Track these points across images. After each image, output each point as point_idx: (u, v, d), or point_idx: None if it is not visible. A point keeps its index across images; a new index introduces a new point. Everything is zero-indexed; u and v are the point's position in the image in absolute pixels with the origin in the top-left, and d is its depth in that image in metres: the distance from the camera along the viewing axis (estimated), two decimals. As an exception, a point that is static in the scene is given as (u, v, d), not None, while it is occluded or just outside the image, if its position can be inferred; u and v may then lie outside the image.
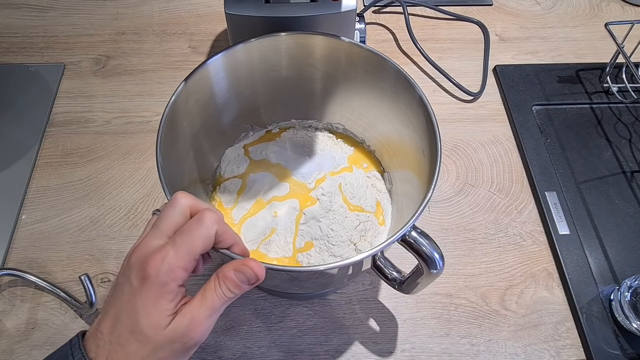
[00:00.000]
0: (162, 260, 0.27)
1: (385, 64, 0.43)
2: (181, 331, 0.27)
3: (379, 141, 0.51)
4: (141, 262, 0.28)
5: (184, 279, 0.28)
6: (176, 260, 0.27)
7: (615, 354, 0.45)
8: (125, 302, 0.28)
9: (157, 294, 0.27)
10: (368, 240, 0.46)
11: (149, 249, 0.28)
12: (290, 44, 0.45)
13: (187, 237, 0.28)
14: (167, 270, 0.27)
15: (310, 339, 0.46)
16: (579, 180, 0.56)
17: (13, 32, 0.67)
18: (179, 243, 0.28)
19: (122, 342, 0.27)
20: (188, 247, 0.28)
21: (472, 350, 0.46)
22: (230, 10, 0.48)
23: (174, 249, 0.28)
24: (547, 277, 0.50)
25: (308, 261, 0.45)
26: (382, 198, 0.50)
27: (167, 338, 0.27)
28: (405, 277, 0.38)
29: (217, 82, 0.45)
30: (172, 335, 0.27)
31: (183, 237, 0.28)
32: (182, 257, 0.27)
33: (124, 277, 0.28)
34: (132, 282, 0.28)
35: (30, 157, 0.56)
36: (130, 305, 0.27)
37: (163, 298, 0.27)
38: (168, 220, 0.29)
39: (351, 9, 0.49)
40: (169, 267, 0.27)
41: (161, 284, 0.27)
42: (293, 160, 0.51)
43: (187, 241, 0.28)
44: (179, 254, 0.27)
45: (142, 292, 0.27)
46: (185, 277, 0.28)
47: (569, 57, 0.68)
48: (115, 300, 0.28)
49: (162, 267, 0.27)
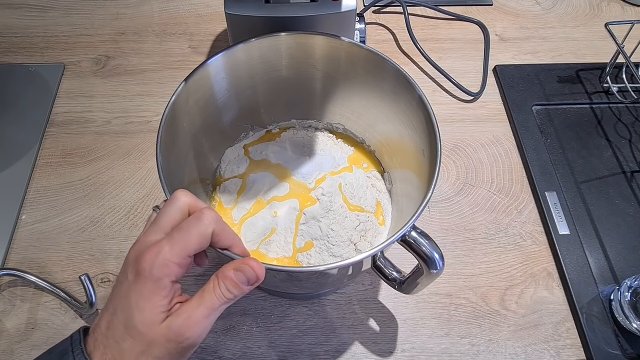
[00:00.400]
0: (157, 255, 0.27)
1: (385, 64, 0.43)
2: (175, 329, 0.27)
3: (379, 141, 0.51)
4: (136, 257, 0.28)
5: (178, 276, 0.28)
6: (171, 255, 0.27)
7: (615, 354, 0.45)
8: (122, 298, 0.28)
9: (151, 289, 0.27)
10: (368, 240, 0.46)
11: (146, 244, 0.28)
12: (291, 44, 0.45)
13: (183, 233, 0.28)
14: (160, 264, 0.27)
15: (310, 339, 0.46)
16: (579, 180, 0.56)
17: (13, 32, 0.67)
18: (175, 239, 0.28)
19: (117, 337, 0.27)
20: (184, 243, 0.28)
21: (472, 350, 0.46)
22: (230, 10, 0.48)
23: (170, 244, 0.28)
24: (547, 277, 0.50)
25: (308, 261, 0.45)
26: (382, 198, 0.50)
27: (161, 335, 0.27)
28: (405, 277, 0.38)
29: (217, 82, 0.44)
30: (166, 332, 0.27)
31: (180, 233, 0.28)
32: (177, 253, 0.27)
33: (123, 273, 0.28)
34: (128, 277, 0.28)
35: (30, 157, 0.56)
36: (125, 300, 0.27)
37: (156, 294, 0.27)
38: (166, 217, 0.29)
39: (351, 9, 0.49)
40: (163, 261, 0.27)
41: (155, 279, 0.27)
42: (293, 160, 0.51)
43: (184, 237, 0.28)
44: (174, 250, 0.27)
45: (137, 287, 0.27)
46: (180, 273, 0.28)
47: (569, 57, 0.68)
48: (114, 296, 0.28)
49: (155, 262, 0.27)
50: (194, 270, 0.49)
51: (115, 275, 0.48)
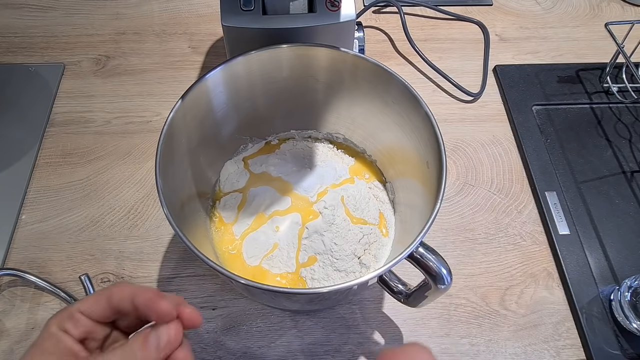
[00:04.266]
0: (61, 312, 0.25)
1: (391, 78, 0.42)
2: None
3: (380, 150, 0.50)
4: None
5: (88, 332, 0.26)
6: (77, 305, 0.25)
7: (615, 354, 0.45)
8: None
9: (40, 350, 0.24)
10: (372, 253, 0.46)
11: None
12: (291, 55, 0.44)
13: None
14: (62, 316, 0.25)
15: (310, 339, 0.46)
16: (579, 180, 0.56)
17: (13, 32, 0.67)
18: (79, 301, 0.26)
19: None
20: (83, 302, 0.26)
21: (472, 350, 0.46)
22: (227, 22, 0.47)
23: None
24: (547, 277, 0.50)
25: (312, 276, 0.44)
26: (384, 209, 0.49)
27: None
28: (411, 291, 0.38)
29: (215, 96, 0.44)
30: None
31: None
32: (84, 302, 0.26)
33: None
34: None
35: (30, 157, 0.56)
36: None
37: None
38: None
39: (350, 19, 0.48)
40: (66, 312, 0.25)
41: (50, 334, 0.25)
42: (294, 173, 0.50)
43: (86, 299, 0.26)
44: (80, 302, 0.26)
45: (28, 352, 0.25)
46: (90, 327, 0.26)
47: (569, 57, 0.68)
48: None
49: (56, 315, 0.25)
50: (194, 271, 0.49)
51: (115, 275, 0.49)
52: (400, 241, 0.45)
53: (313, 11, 0.48)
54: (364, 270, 0.45)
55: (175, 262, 0.49)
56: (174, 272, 0.49)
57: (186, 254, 0.50)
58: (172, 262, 0.49)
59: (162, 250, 0.50)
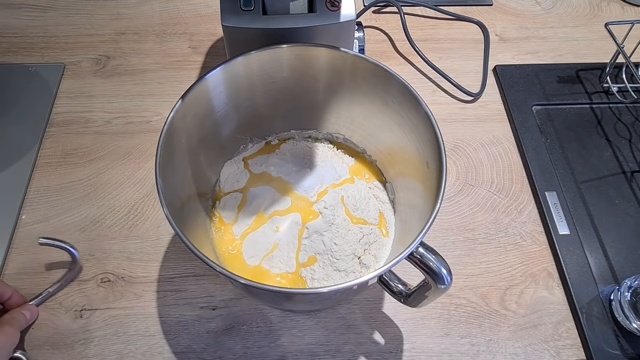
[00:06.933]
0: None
1: (391, 79, 0.42)
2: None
3: (380, 150, 0.50)
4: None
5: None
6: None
7: (615, 354, 0.45)
8: None
9: None
10: (372, 253, 0.46)
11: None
12: (291, 55, 0.44)
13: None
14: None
15: (310, 339, 0.46)
16: (579, 180, 0.56)
17: (13, 32, 0.67)
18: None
19: None
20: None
21: (472, 350, 0.46)
22: (227, 22, 0.47)
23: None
24: (547, 277, 0.50)
25: (312, 276, 0.44)
26: (384, 209, 0.49)
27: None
28: (411, 291, 0.38)
29: (215, 96, 0.44)
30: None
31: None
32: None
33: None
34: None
35: (30, 157, 0.56)
36: None
37: None
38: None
39: (350, 19, 0.48)
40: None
41: None
42: (294, 173, 0.50)
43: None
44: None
45: None
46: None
47: (569, 57, 0.68)
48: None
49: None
50: (194, 270, 0.49)
51: (116, 275, 0.49)
52: (400, 241, 0.45)
53: (313, 11, 0.48)
54: (364, 270, 0.45)
55: (175, 262, 0.49)
56: (174, 272, 0.49)
57: (186, 254, 0.50)
58: (172, 262, 0.49)
59: (162, 250, 0.50)
